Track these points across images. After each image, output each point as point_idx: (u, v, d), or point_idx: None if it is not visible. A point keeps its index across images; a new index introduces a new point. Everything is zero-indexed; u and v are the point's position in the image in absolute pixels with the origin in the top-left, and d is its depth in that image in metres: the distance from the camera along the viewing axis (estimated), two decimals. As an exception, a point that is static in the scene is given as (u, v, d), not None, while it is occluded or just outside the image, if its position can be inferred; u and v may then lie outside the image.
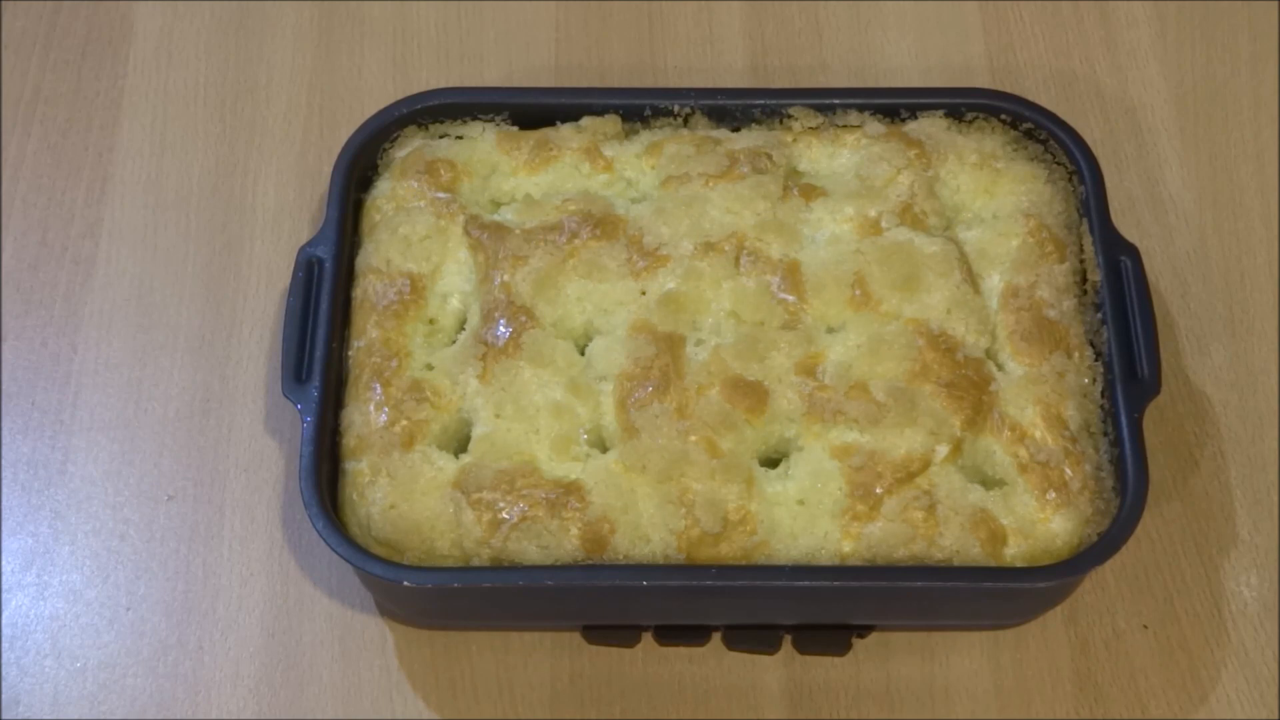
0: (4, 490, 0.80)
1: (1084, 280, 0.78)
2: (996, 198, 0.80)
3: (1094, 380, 0.75)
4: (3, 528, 0.79)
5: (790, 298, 0.75)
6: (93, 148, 0.90)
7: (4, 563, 0.78)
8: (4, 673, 0.74)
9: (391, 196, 0.79)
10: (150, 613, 0.77)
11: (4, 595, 0.76)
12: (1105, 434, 0.74)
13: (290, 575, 0.78)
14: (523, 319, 0.74)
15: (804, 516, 0.71)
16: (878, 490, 0.71)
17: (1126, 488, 0.71)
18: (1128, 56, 0.93)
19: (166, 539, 0.79)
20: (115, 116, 0.91)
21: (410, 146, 0.81)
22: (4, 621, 0.75)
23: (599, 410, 0.73)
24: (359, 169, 0.80)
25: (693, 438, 0.72)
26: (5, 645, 0.75)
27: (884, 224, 0.77)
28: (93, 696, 0.75)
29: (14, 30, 0.94)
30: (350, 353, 0.76)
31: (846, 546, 0.70)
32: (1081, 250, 0.78)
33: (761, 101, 0.82)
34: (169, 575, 0.78)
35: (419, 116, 0.81)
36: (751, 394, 0.72)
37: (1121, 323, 0.75)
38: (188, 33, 0.94)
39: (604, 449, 0.73)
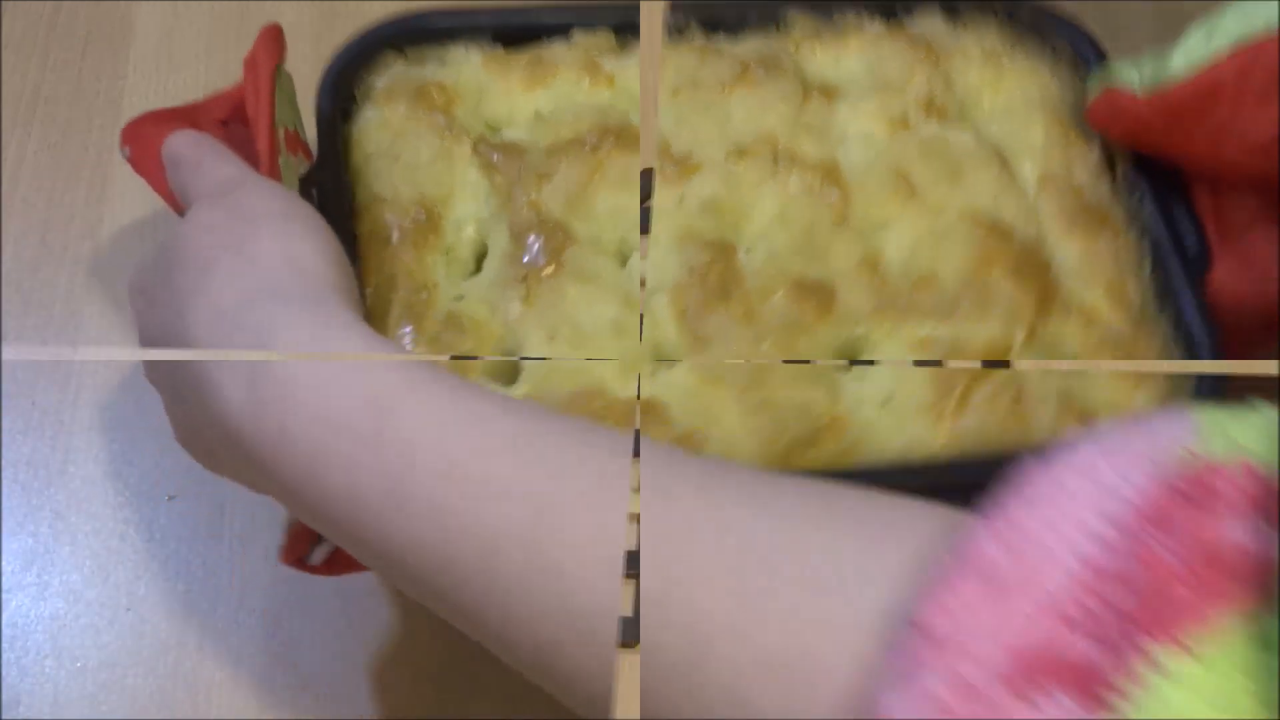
0: (4, 490, 0.76)
1: (1113, 167, 0.75)
2: (1003, 93, 0.77)
3: (1143, 258, 0.72)
4: (3, 528, 0.75)
5: (835, 194, 0.70)
6: (93, 148, 0.87)
7: (4, 563, 0.74)
8: (4, 673, 0.71)
9: (384, 124, 0.72)
10: (150, 613, 0.73)
11: (4, 595, 0.73)
12: (1163, 310, 0.71)
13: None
14: (560, 235, 0.68)
15: (890, 416, 0.66)
16: (962, 383, 0.66)
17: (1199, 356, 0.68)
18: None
19: (167, 539, 0.75)
20: (115, 116, 0.88)
21: (391, 74, 0.74)
22: (4, 621, 0.72)
23: (655, 325, 0.67)
24: (341, 98, 0.73)
25: (765, 344, 0.66)
26: (5, 645, 0.72)
27: (911, 119, 0.74)
28: (93, 696, 0.71)
29: (14, 30, 0.91)
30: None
31: (939, 442, 0.66)
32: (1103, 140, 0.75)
33: None
34: (169, 575, 0.74)
35: (397, 39, 0.74)
36: (817, 294, 0.67)
37: (1162, 201, 0.72)
38: (188, 33, 0.91)
39: (665, 364, 0.67)
